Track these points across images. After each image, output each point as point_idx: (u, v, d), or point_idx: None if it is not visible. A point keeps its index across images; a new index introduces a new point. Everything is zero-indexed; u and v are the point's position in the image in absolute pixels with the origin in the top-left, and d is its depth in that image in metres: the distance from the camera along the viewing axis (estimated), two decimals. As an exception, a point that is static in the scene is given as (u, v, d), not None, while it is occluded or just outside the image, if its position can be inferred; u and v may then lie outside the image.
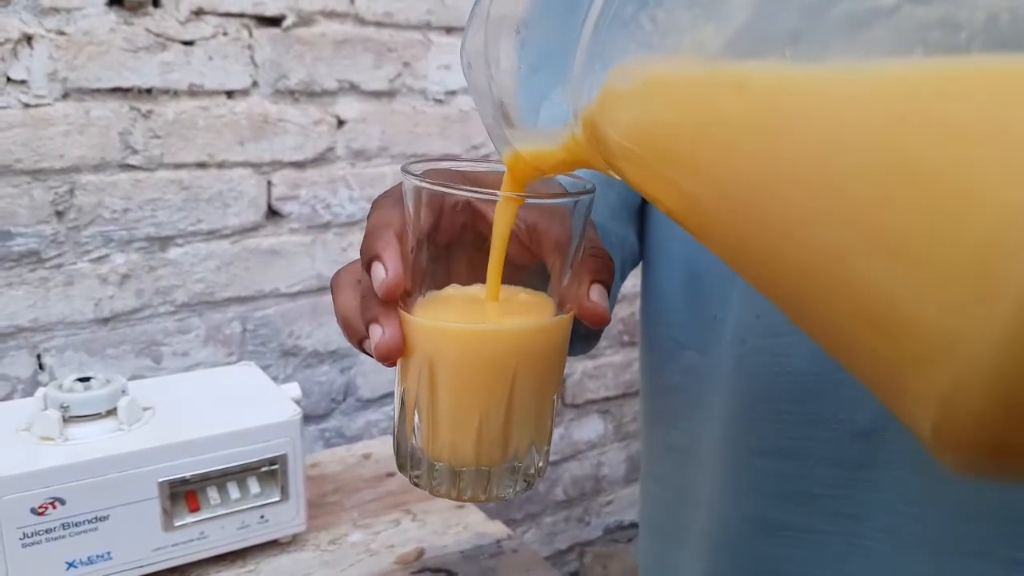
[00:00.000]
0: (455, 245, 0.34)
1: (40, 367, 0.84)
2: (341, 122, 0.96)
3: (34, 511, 0.57)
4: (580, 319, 0.34)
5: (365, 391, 1.06)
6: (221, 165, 0.89)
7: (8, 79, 0.76)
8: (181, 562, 0.64)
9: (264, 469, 0.67)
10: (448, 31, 1.01)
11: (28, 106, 0.78)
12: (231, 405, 0.69)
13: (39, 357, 0.83)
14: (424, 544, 0.71)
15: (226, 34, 0.86)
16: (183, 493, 0.64)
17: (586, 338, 0.46)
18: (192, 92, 0.86)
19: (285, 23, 0.90)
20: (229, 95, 0.88)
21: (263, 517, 0.67)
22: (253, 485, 0.66)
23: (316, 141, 0.94)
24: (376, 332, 0.32)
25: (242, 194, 0.91)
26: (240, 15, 0.87)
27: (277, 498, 0.67)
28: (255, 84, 0.89)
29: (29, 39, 0.77)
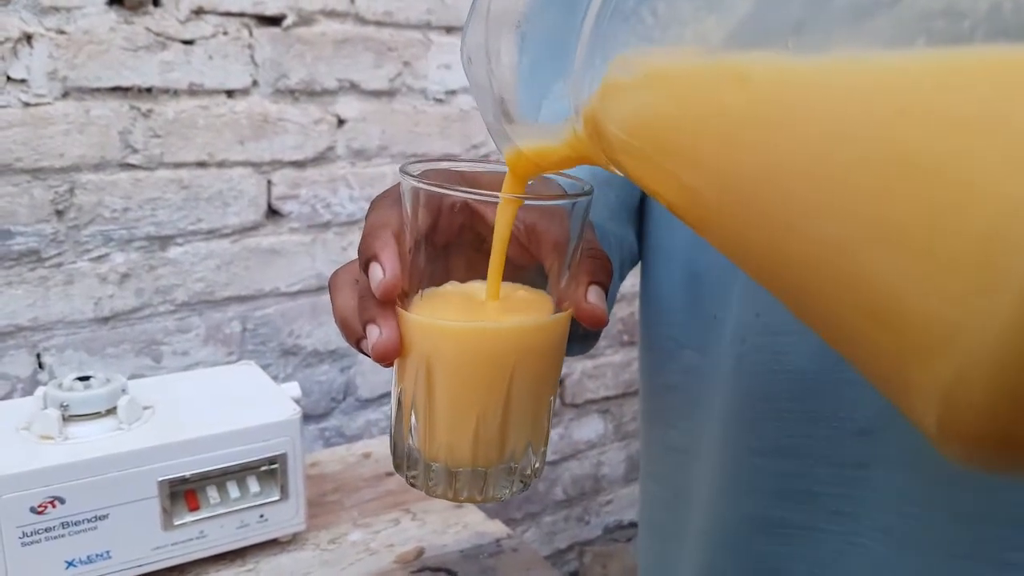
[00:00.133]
0: (453, 245, 0.34)
1: (40, 366, 0.84)
2: (341, 121, 0.96)
3: (33, 510, 0.57)
4: (578, 320, 0.34)
5: (365, 391, 1.06)
6: (221, 164, 0.89)
7: (8, 78, 0.76)
8: (181, 561, 0.64)
9: (264, 468, 0.67)
10: (448, 30, 1.01)
11: (28, 105, 0.78)
12: (231, 404, 0.69)
13: (39, 356, 0.83)
14: (424, 543, 0.71)
15: (226, 33, 0.86)
16: (183, 492, 0.64)
17: (584, 338, 0.46)
18: (192, 91, 0.86)
19: (285, 22, 0.90)
20: (229, 94, 0.88)
21: (263, 516, 0.67)
22: (253, 484, 0.66)
23: (316, 140, 0.94)
24: (373, 332, 0.32)
25: (242, 193, 0.91)
26: (240, 14, 0.87)
27: (277, 497, 0.67)
28: (255, 83, 0.89)
29: (29, 38, 0.76)
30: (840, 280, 0.16)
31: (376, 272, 0.31)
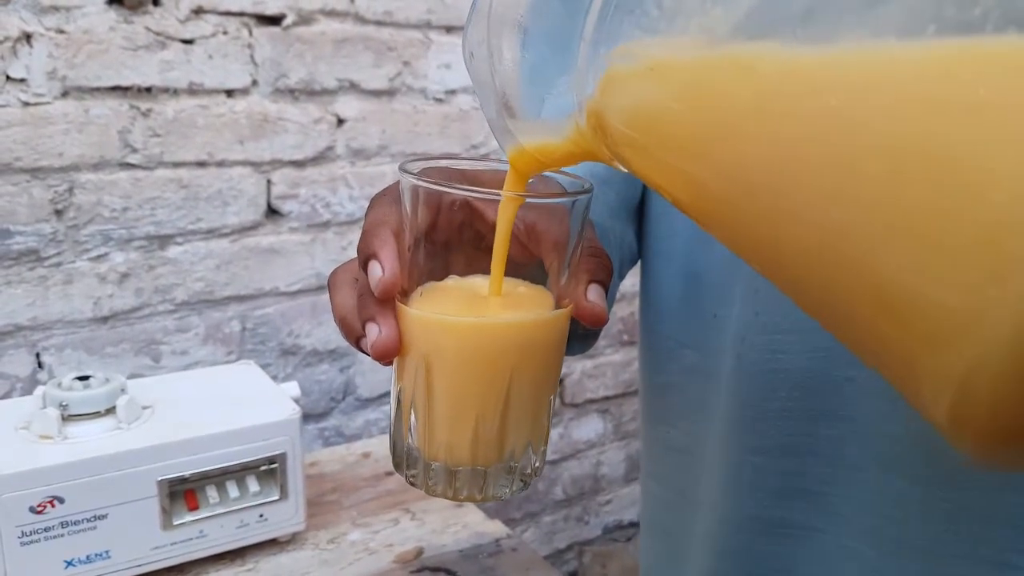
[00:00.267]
0: (453, 243, 0.34)
1: (39, 365, 0.83)
2: (341, 121, 0.96)
3: (33, 510, 0.57)
4: (578, 319, 0.33)
5: (364, 390, 1.05)
6: (221, 164, 0.89)
7: (7, 77, 0.76)
8: (180, 561, 0.64)
9: (263, 468, 0.67)
10: (448, 30, 1.01)
11: (27, 104, 0.77)
12: (230, 404, 0.69)
13: (38, 356, 0.83)
14: (423, 543, 0.71)
15: (226, 33, 0.86)
16: (182, 492, 0.64)
17: (584, 338, 0.46)
18: (192, 91, 0.86)
19: (285, 22, 0.89)
20: (229, 94, 0.88)
21: (262, 516, 0.67)
22: (252, 484, 0.66)
23: (316, 140, 0.94)
24: (373, 331, 0.32)
25: (242, 193, 0.91)
26: (240, 14, 0.87)
27: (276, 497, 0.67)
28: (255, 83, 0.89)
29: (28, 37, 0.76)
30: (849, 269, 0.16)
31: (375, 270, 0.31)
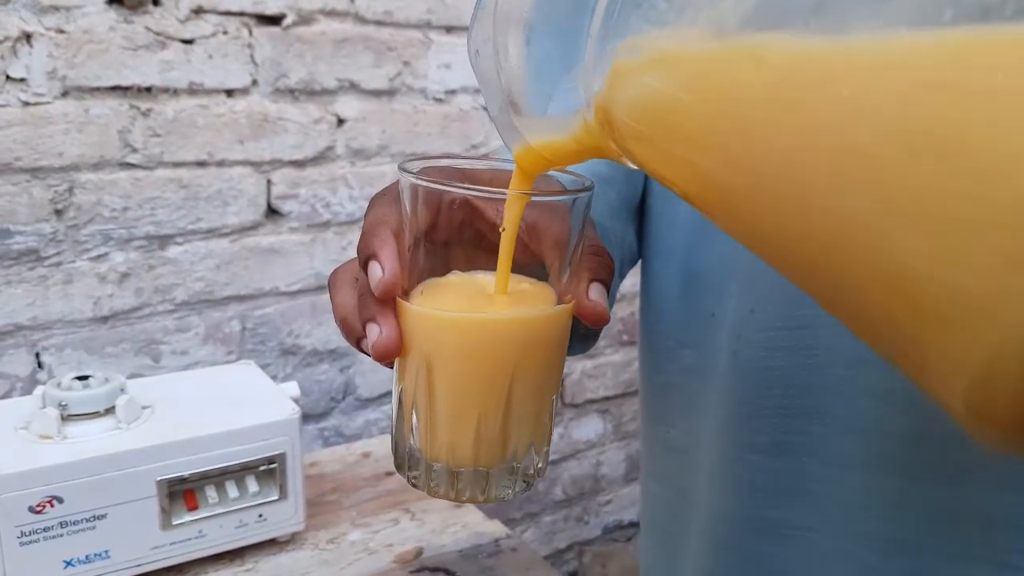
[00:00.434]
0: (453, 243, 0.34)
1: (39, 365, 0.84)
2: (341, 121, 0.96)
3: (32, 509, 0.57)
4: (580, 318, 0.33)
5: (364, 390, 1.05)
6: (221, 164, 0.89)
7: (7, 77, 0.76)
8: (179, 561, 0.64)
9: (263, 468, 0.67)
10: (448, 30, 1.01)
11: (27, 104, 0.77)
12: (230, 404, 0.69)
13: (38, 355, 0.83)
14: (423, 543, 0.71)
15: (226, 33, 0.86)
16: (181, 492, 0.64)
17: (585, 338, 0.46)
18: (192, 91, 0.86)
19: (285, 22, 0.89)
20: (229, 94, 0.88)
21: (261, 516, 0.67)
22: (252, 484, 0.66)
23: (316, 140, 0.94)
24: (373, 331, 0.32)
25: (242, 193, 0.91)
26: (240, 14, 0.87)
27: (275, 497, 0.67)
28: (255, 83, 0.89)
29: (28, 37, 0.76)
30: (863, 256, 0.16)
31: (375, 270, 0.31)
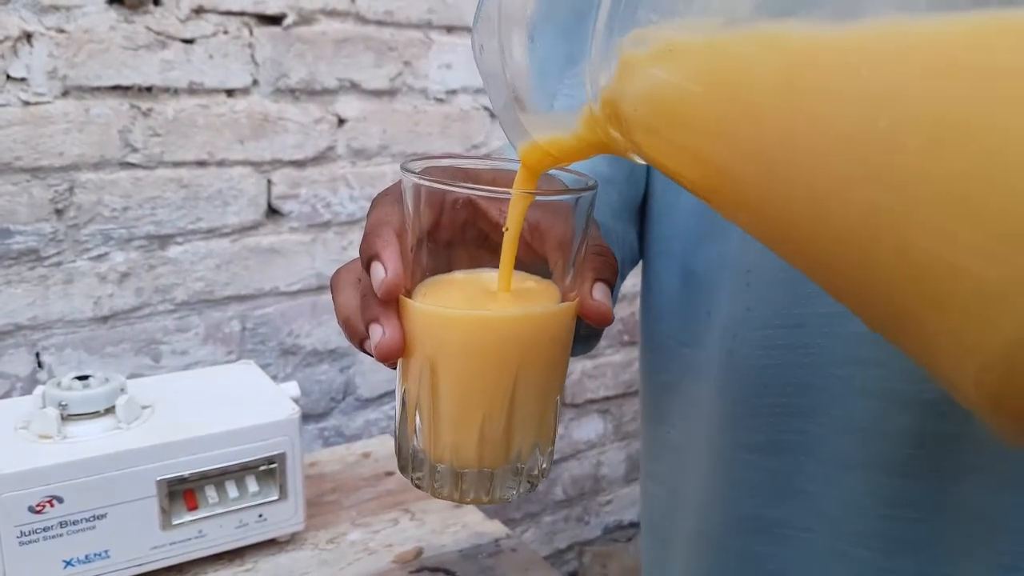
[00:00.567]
0: (455, 243, 0.34)
1: (39, 365, 0.83)
2: (342, 121, 0.96)
3: (32, 509, 0.57)
4: (583, 318, 0.33)
5: (364, 390, 1.05)
6: (221, 163, 0.89)
7: (8, 77, 0.76)
8: (179, 561, 0.64)
9: (263, 468, 0.67)
10: (449, 30, 1.01)
11: (28, 104, 0.77)
12: (230, 404, 0.69)
13: (38, 355, 0.83)
14: (423, 543, 0.71)
15: (226, 32, 0.86)
16: (181, 492, 0.64)
17: (587, 338, 0.46)
18: (192, 90, 0.86)
19: (286, 22, 0.89)
20: (229, 93, 0.88)
21: (261, 516, 0.67)
22: (251, 484, 0.66)
23: (316, 140, 0.94)
24: (376, 332, 0.32)
25: (242, 192, 0.91)
26: (241, 13, 0.87)
27: (275, 497, 0.67)
28: (255, 82, 0.89)
29: (29, 37, 0.76)
30: (880, 244, 0.16)
31: (378, 271, 0.31)
